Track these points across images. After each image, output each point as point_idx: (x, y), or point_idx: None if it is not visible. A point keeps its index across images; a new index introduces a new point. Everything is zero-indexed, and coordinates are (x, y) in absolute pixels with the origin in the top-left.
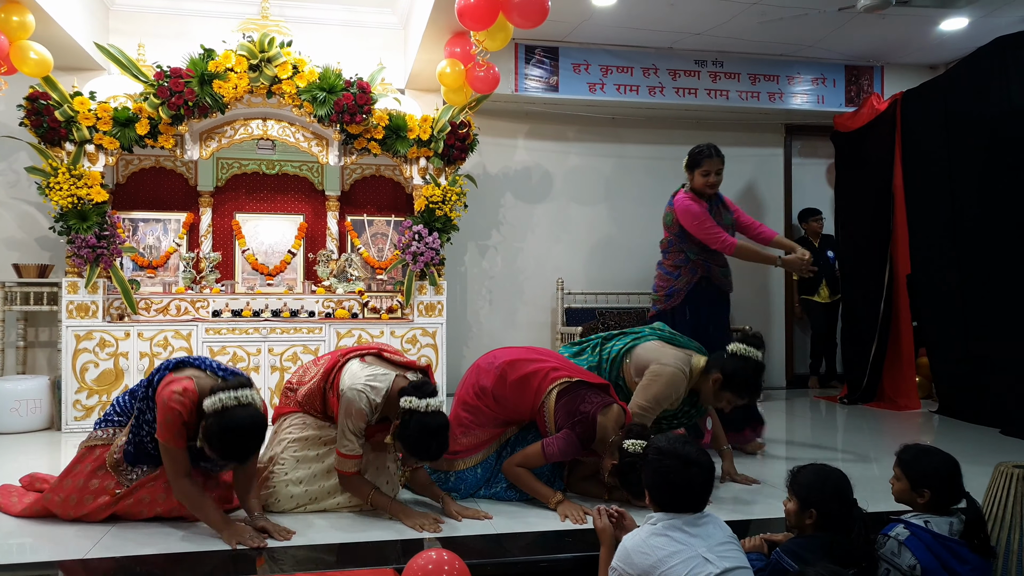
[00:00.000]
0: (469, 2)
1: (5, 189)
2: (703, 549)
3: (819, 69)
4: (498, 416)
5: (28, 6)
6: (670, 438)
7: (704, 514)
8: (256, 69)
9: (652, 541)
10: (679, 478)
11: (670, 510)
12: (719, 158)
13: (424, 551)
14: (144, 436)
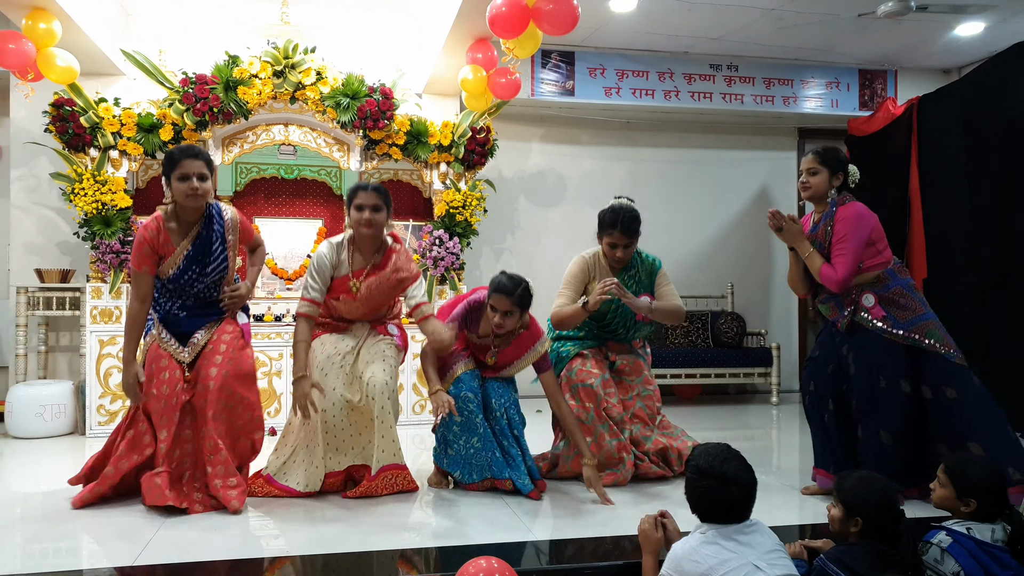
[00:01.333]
0: (501, 11)
1: (26, 194)
2: (753, 557)
3: (833, 73)
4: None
5: (55, 13)
6: (711, 454)
7: (752, 522)
8: (280, 75)
9: (703, 549)
10: (720, 497)
11: (714, 522)
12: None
13: (475, 559)
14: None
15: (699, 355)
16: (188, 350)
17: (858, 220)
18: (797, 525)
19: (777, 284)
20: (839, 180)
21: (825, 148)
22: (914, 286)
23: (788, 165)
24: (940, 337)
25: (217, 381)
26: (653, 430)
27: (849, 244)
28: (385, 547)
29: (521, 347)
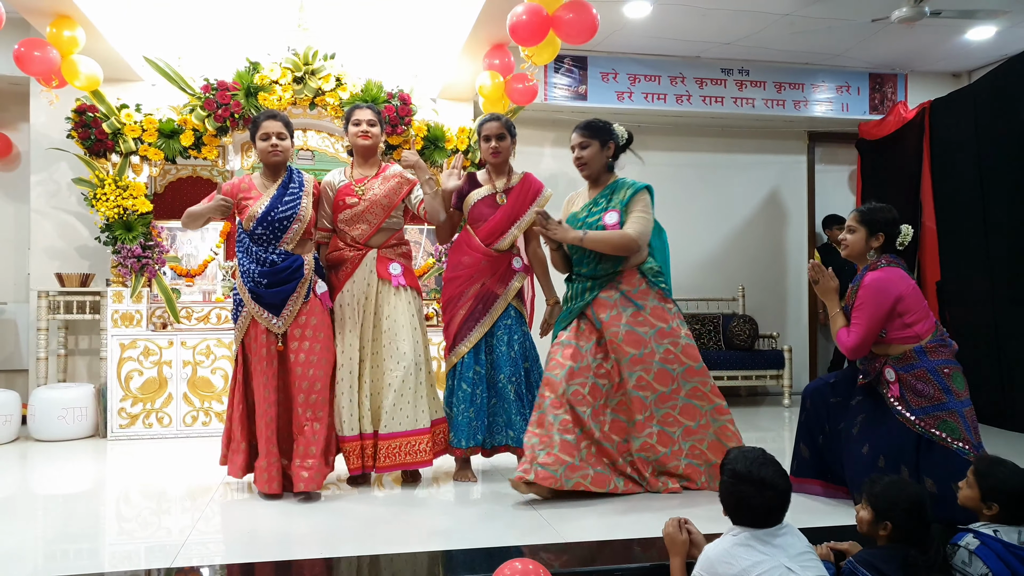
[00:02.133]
0: (521, 19)
1: (45, 199)
2: (785, 559)
3: (844, 77)
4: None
5: (79, 21)
6: (748, 458)
7: (783, 524)
8: (300, 81)
9: (736, 551)
10: (755, 502)
11: (748, 526)
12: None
13: (510, 560)
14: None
15: (711, 357)
16: (280, 321)
17: (878, 291)
18: (820, 527)
19: (790, 287)
20: (878, 241)
21: (870, 208)
22: (944, 371)
23: (798, 168)
24: (955, 430)
25: (305, 367)
26: (646, 426)
27: (864, 313)
28: (415, 549)
29: (526, 191)
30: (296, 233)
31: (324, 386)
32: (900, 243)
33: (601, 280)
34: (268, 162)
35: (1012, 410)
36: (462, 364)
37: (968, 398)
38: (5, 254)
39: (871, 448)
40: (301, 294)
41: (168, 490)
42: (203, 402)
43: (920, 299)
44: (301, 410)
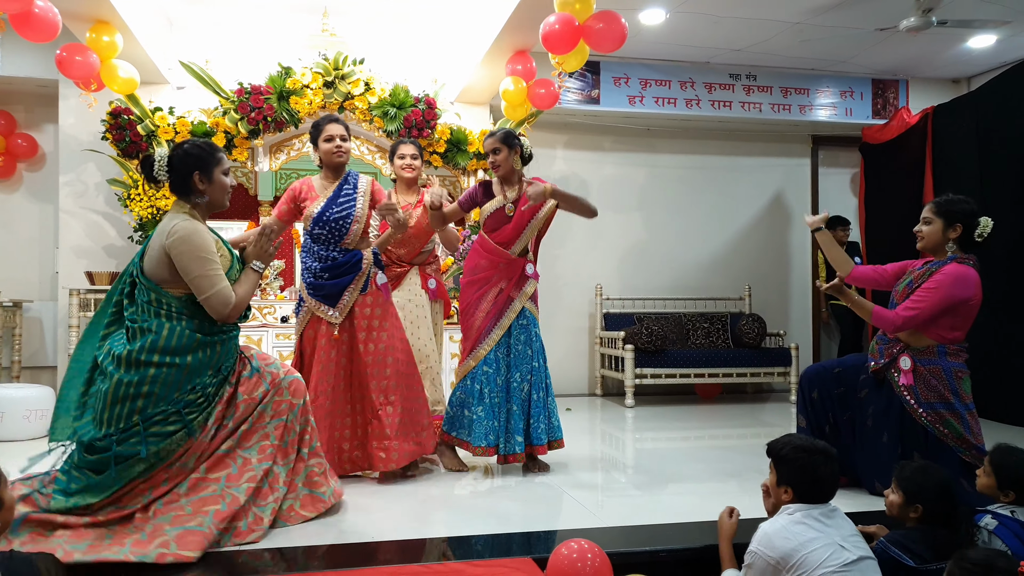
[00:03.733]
0: (554, 28)
1: (74, 199)
2: (838, 538)
3: (847, 83)
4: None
5: (117, 26)
6: (797, 437)
7: (835, 507)
8: (330, 86)
9: (793, 528)
10: (826, 471)
11: (810, 501)
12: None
13: (566, 541)
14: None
15: (720, 355)
16: (337, 312)
17: (957, 283)
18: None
19: (794, 286)
20: (955, 233)
21: (947, 199)
22: (958, 374)
23: (802, 171)
24: (956, 431)
25: (374, 355)
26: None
27: (932, 296)
28: (469, 532)
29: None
30: (356, 233)
31: (394, 372)
32: (979, 235)
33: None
34: (332, 163)
35: (1019, 406)
36: (482, 366)
37: (972, 403)
38: (31, 253)
39: (890, 437)
40: (358, 286)
41: None
42: None
43: (973, 312)
44: (375, 395)
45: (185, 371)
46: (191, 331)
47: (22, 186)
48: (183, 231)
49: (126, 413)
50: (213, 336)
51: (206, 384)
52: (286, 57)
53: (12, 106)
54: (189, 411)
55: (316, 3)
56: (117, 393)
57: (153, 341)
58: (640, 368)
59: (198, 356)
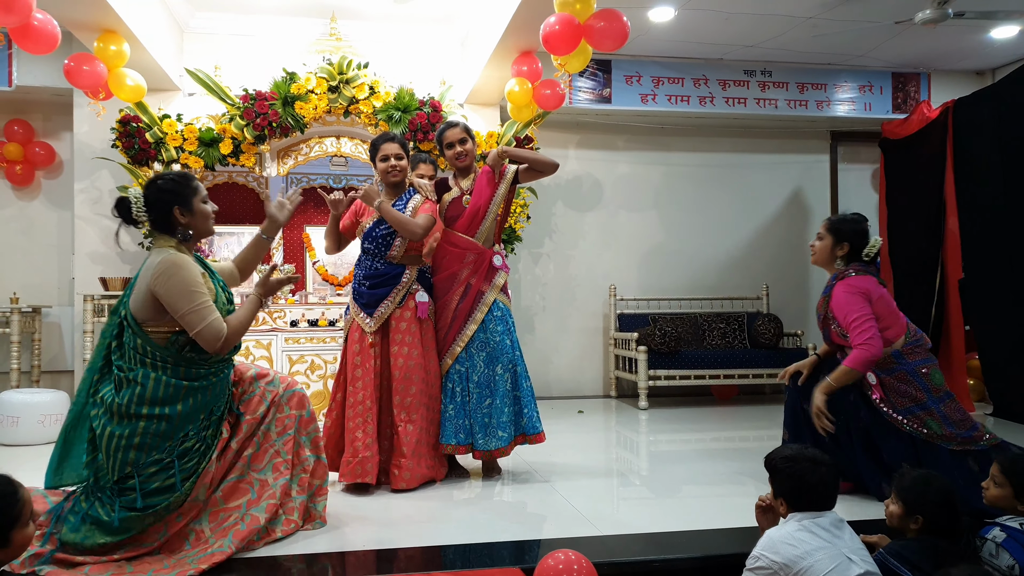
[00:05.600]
0: (554, 29)
1: (89, 206)
2: (846, 550)
3: (866, 77)
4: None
5: (124, 35)
6: (789, 447)
7: (843, 520)
8: (335, 90)
9: (799, 535)
10: (812, 478)
11: (805, 509)
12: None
13: (554, 552)
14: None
15: (736, 356)
16: (374, 321)
17: (852, 295)
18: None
19: (813, 286)
20: (843, 250)
21: (840, 217)
22: (922, 371)
23: (821, 168)
24: (938, 428)
25: (402, 371)
26: None
27: (855, 315)
28: (453, 541)
29: (485, 178)
30: (400, 248)
31: (419, 391)
32: (866, 254)
33: None
34: (387, 182)
35: None
36: (455, 364)
37: (946, 392)
38: (49, 259)
39: (881, 447)
40: (395, 300)
41: None
42: None
43: (888, 304)
44: (396, 411)
45: (176, 420)
46: (176, 379)
47: (40, 193)
48: (167, 266)
49: (118, 464)
50: (200, 381)
51: (200, 429)
52: (296, 62)
53: (30, 115)
54: (186, 460)
55: (325, 7)
56: (110, 445)
57: (140, 393)
58: (654, 369)
59: (188, 403)
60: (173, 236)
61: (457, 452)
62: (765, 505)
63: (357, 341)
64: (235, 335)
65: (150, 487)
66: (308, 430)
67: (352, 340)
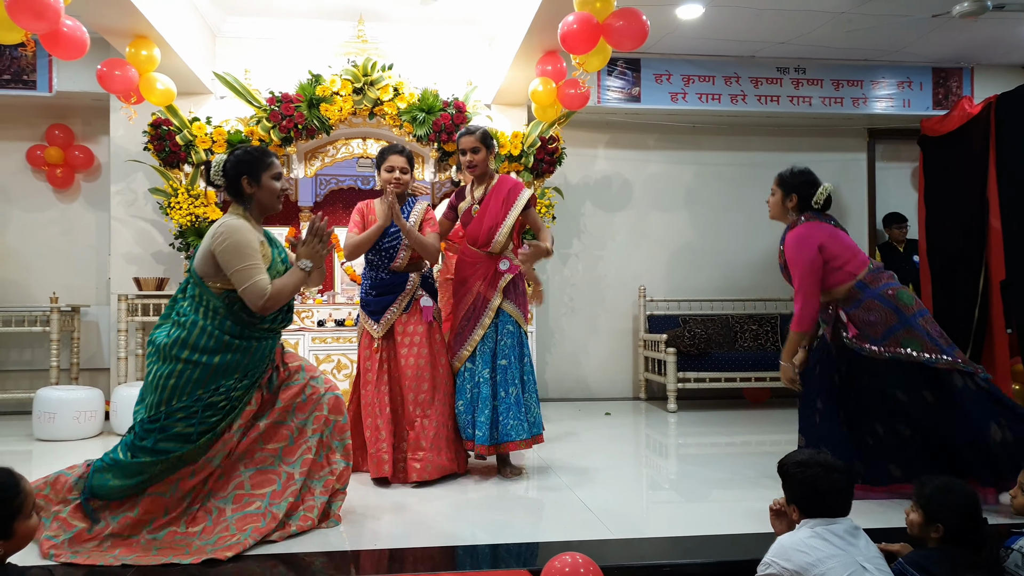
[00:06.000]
0: (572, 28)
1: (124, 208)
2: (861, 558)
3: (905, 72)
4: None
5: (155, 40)
6: (803, 453)
7: (856, 526)
8: (360, 92)
9: (811, 542)
10: (824, 484)
11: (817, 515)
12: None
13: (560, 555)
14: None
15: (769, 358)
16: (380, 327)
17: (798, 246)
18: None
19: None
20: (792, 202)
21: (788, 171)
22: (888, 293)
23: (858, 167)
24: (918, 344)
25: (413, 370)
26: None
27: (796, 272)
28: (465, 541)
29: (500, 193)
30: (404, 258)
31: (431, 387)
32: (815, 201)
33: None
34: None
35: None
36: (465, 365)
37: (920, 310)
38: (88, 260)
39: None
40: (401, 305)
41: None
42: None
43: (843, 241)
44: (411, 408)
45: (211, 371)
46: (221, 332)
47: (80, 196)
48: (227, 228)
49: (155, 402)
50: (243, 340)
51: (231, 388)
52: (324, 65)
53: (70, 119)
54: (210, 413)
55: (352, 10)
56: (153, 382)
57: (185, 338)
58: (683, 371)
59: (226, 358)
60: (241, 204)
61: (465, 448)
62: (778, 509)
63: (367, 347)
64: (277, 296)
65: (170, 431)
66: (342, 436)
67: (363, 345)
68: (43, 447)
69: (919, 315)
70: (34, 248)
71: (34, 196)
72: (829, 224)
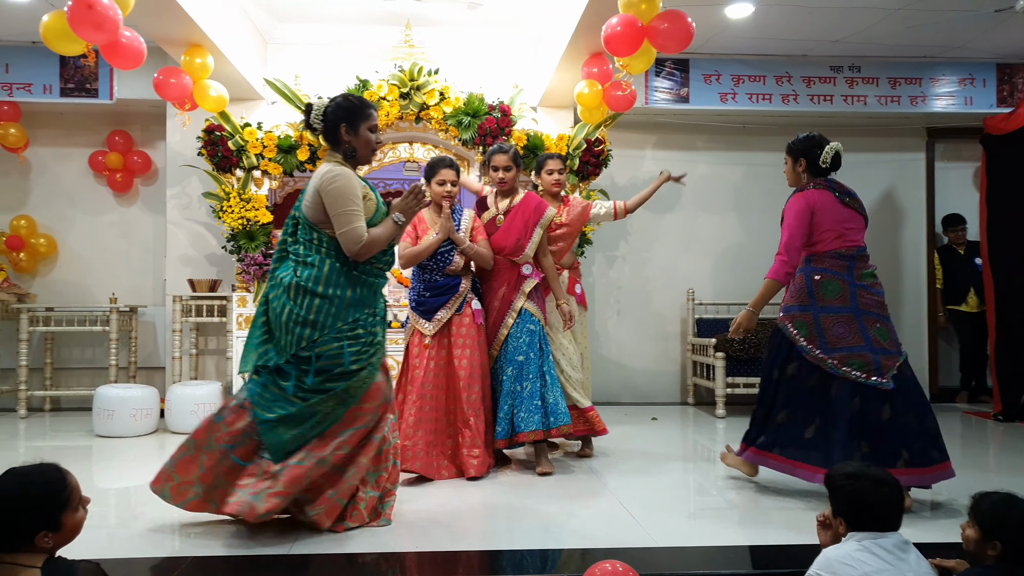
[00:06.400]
0: (616, 30)
1: (179, 211)
2: (911, 574)
3: (967, 69)
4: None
5: (209, 49)
6: (850, 465)
7: (908, 542)
8: (406, 97)
9: (858, 555)
10: (873, 497)
11: (864, 530)
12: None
13: (600, 562)
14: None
15: None
16: (431, 325)
17: (795, 206)
18: (924, 543)
19: (906, 291)
20: (801, 167)
21: (795, 139)
22: (815, 278)
23: (916, 167)
24: (803, 329)
25: (467, 371)
26: None
27: (785, 227)
28: (505, 546)
29: (525, 210)
30: (457, 265)
31: (479, 388)
32: (823, 161)
33: None
34: (439, 203)
35: None
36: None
37: (836, 307)
38: (146, 261)
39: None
40: (453, 306)
41: None
42: None
43: (836, 219)
44: (466, 407)
45: (344, 304)
46: (345, 266)
47: (138, 199)
48: (333, 174)
49: (295, 340)
50: (363, 275)
51: (364, 320)
52: (371, 70)
53: (130, 126)
54: (357, 348)
55: (400, 15)
56: (288, 321)
57: (316, 274)
58: (732, 376)
59: (356, 292)
60: (337, 151)
61: (496, 446)
62: (824, 521)
63: (416, 345)
64: (370, 244)
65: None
66: (395, 435)
67: (413, 344)
68: (102, 443)
69: (829, 311)
70: (95, 250)
71: (95, 200)
72: (832, 193)
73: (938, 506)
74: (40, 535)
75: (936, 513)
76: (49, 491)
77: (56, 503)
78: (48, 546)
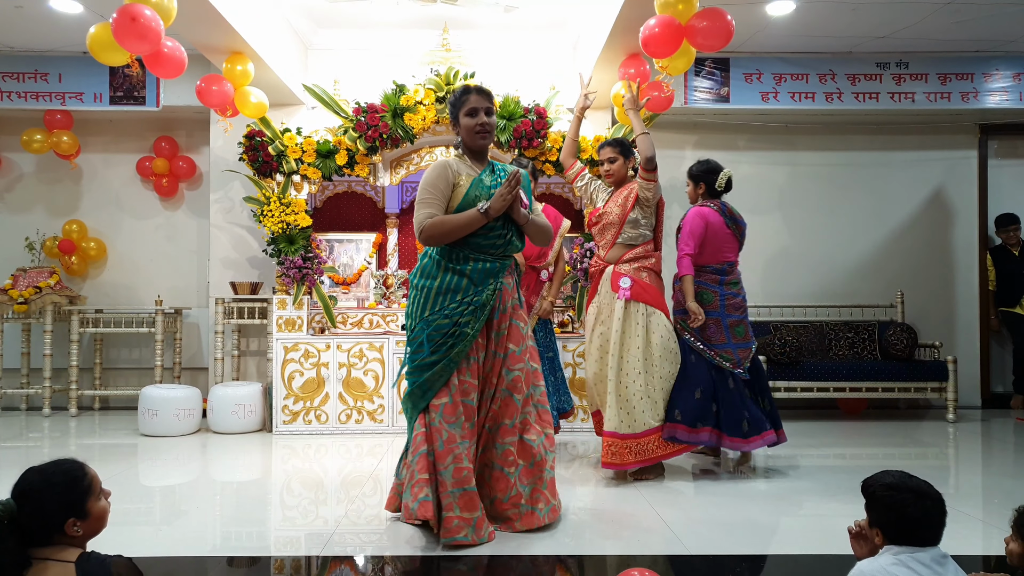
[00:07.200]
0: (654, 31)
1: (222, 215)
2: None
3: (1022, 63)
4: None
5: (250, 56)
6: (892, 475)
7: (947, 555)
8: (442, 101)
9: (893, 569)
10: (915, 511)
11: (902, 543)
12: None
13: (628, 570)
14: None
15: (865, 368)
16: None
17: (691, 219)
18: (975, 555)
19: (958, 292)
20: (701, 189)
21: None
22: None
23: (968, 165)
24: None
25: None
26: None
27: (683, 234)
28: (535, 552)
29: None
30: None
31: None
32: (718, 185)
33: None
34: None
35: None
36: None
37: (708, 311)
38: (190, 264)
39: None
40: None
41: (324, 481)
42: (356, 401)
43: (719, 240)
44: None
45: (433, 294)
46: (440, 258)
47: (183, 204)
48: (431, 165)
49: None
50: (456, 265)
51: (454, 313)
52: (409, 74)
53: (175, 132)
54: (438, 335)
55: (437, 19)
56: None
57: (418, 268)
58: (774, 380)
59: (444, 280)
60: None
61: None
62: (858, 532)
63: None
64: (435, 228)
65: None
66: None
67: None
68: (146, 442)
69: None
70: (141, 253)
71: (142, 204)
72: (723, 217)
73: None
74: (69, 523)
75: (978, 525)
76: (71, 479)
77: (79, 489)
78: (78, 534)
